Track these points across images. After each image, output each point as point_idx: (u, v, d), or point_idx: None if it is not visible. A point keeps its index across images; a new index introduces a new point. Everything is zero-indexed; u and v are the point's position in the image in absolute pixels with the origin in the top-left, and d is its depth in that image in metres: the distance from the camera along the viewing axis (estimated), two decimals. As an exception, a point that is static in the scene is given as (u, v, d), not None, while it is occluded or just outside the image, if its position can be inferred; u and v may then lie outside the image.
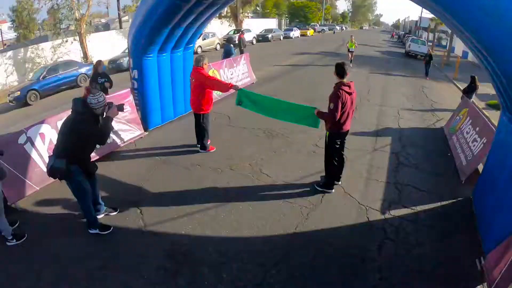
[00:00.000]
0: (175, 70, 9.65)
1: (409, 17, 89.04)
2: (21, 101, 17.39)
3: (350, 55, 20.60)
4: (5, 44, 41.48)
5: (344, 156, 6.21)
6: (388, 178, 6.74)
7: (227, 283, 4.21)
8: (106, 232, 5.26)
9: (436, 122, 10.45)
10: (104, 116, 4.95)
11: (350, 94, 5.52)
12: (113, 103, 5.12)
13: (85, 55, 26.73)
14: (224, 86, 7.32)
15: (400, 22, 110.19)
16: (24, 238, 5.16)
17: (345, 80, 5.59)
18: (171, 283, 4.25)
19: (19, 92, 17.48)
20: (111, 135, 8.01)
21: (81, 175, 4.98)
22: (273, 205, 5.79)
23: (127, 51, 23.77)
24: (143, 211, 5.75)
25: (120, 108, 5.19)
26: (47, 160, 6.30)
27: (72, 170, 4.83)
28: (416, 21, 65.04)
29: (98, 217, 5.47)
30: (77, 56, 25.96)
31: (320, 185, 6.27)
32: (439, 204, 5.92)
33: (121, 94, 8.62)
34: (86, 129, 4.73)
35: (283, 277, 4.30)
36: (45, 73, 18.83)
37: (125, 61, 22.00)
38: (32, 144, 6.60)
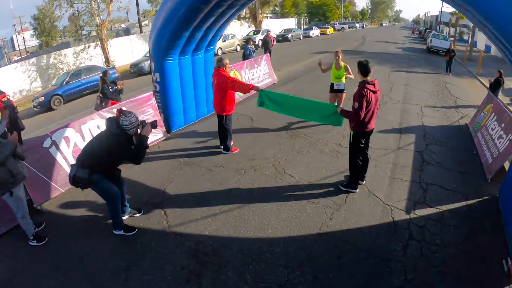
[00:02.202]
0: (197, 72, 9.71)
1: (429, 12, 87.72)
2: (45, 106, 17.83)
3: (334, 98, 9.20)
4: (28, 52, 42.49)
5: (368, 156, 6.16)
6: (413, 177, 6.64)
7: (251, 284, 4.22)
8: (131, 234, 5.34)
9: (460, 119, 10.25)
10: (139, 134, 4.97)
11: (374, 92, 5.47)
12: (146, 121, 5.16)
13: (107, 60, 27.19)
14: (244, 87, 7.34)
15: (420, 17, 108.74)
16: (45, 241, 5.27)
17: (369, 78, 5.55)
18: (195, 283, 4.28)
19: (43, 98, 17.91)
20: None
21: (105, 181, 5.04)
22: (297, 205, 5.77)
23: (148, 55, 24.18)
24: (167, 212, 5.82)
25: (154, 125, 5.18)
26: (72, 162, 6.46)
27: (95, 179, 4.90)
28: (437, 16, 64.10)
29: (123, 218, 5.56)
30: (99, 61, 26.44)
31: (344, 184, 6.23)
32: (464, 203, 5.81)
33: (144, 97, 8.75)
34: (119, 150, 4.79)
35: (307, 278, 4.29)
36: (68, 78, 19.26)
37: (146, 64, 22.29)
38: (57, 147, 6.78)
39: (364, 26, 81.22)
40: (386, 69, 18.12)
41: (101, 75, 10.43)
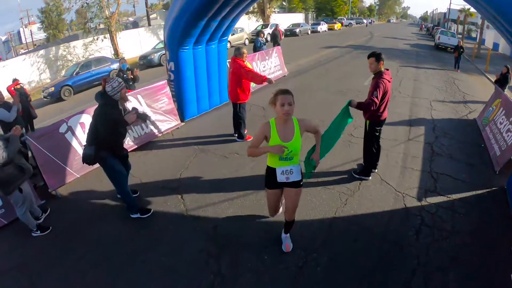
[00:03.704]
0: (210, 62, 9.79)
1: (437, 9, 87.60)
2: (55, 97, 18.06)
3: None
4: (35, 45, 42.68)
5: (380, 145, 6.28)
6: (423, 167, 6.75)
7: (269, 265, 4.33)
8: (147, 216, 5.48)
9: (468, 113, 10.32)
10: (124, 116, 5.12)
11: (389, 82, 5.61)
12: (137, 109, 5.34)
13: (116, 52, 27.35)
14: (258, 78, 7.43)
15: (428, 14, 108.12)
16: (49, 230, 5.34)
17: (383, 68, 5.66)
18: (214, 265, 4.39)
19: (53, 88, 18.11)
20: (149, 125, 8.29)
21: (113, 159, 5.21)
22: (312, 191, 5.89)
23: (157, 47, 24.30)
24: (183, 196, 5.95)
25: (143, 116, 5.41)
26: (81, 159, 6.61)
27: (103, 156, 5.08)
28: (445, 13, 63.77)
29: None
30: (108, 53, 26.62)
31: (358, 172, 6.36)
32: (473, 193, 5.91)
33: (158, 85, 8.86)
34: (108, 117, 4.90)
35: (324, 260, 4.40)
36: (78, 69, 19.46)
37: (155, 57, 22.45)
38: (73, 133, 6.89)
39: (372, 22, 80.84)
40: (395, 64, 18.13)
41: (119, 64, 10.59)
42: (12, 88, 10.25)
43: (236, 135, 8.12)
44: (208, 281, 4.14)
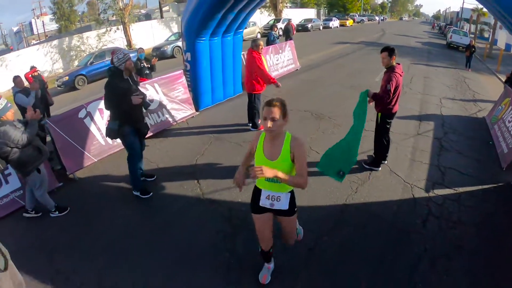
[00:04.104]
0: (226, 53, 10.00)
1: (450, 8, 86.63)
2: (69, 86, 18.42)
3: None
4: (47, 36, 42.98)
5: (390, 137, 6.46)
6: (432, 161, 6.91)
7: (281, 246, 4.50)
8: (145, 197, 5.79)
9: (478, 112, 10.41)
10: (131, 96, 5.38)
11: (401, 75, 5.81)
12: (145, 96, 5.74)
13: (129, 43, 27.60)
14: (266, 78, 7.67)
15: (441, 13, 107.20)
16: (67, 211, 5.58)
17: (395, 63, 5.84)
18: (230, 243, 4.62)
19: (67, 77, 18.44)
20: (165, 113, 8.52)
21: (134, 138, 5.56)
22: (324, 179, 6.04)
23: (170, 39, 24.46)
24: (199, 181, 6.19)
25: (146, 104, 5.84)
26: (105, 133, 6.89)
27: (124, 133, 5.44)
28: (458, 12, 63.29)
29: None
30: (121, 44, 26.88)
31: (368, 163, 6.57)
32: (480, 187, 6.04)
33: (175, 75, 9.10)
34: (115, 87, 5.24)
35: (335, 244, 4.60)
36: (92, 59, 19.71)
37: (169, 48, 22.68)
38: (91, 118, 7.14)
39: (384, 19, 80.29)
40: (406, 61, 18.17)
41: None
42: (30, 75, 10.49)
43: (250, 124, 8.34)
44: (224, 259, 4.35)
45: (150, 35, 30.53)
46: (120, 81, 5.31)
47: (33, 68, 10.66)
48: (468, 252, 4.49)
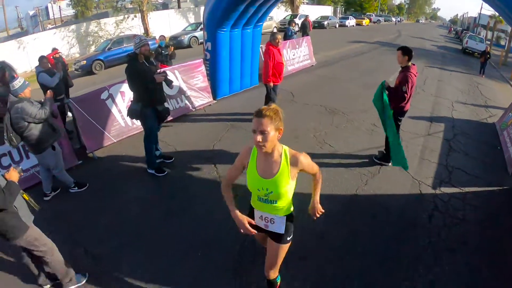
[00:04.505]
0: (245, 45, 10.24)
1: (467, 13, 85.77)
2: (87, 70, 18.66)
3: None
4: (63, 21, 43.18)
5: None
6: (440, 160, 7.09)
7: (296, 232, 4.73)
8: (161, 175, 6.12)
9: (488, 117, 10.50)
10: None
11: (415, 75, 6.02)
12: (167, 74, 6.00)
13: (146, 31, 27.84)
14: (264, 75, 7.94)
15: (458, 17, 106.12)
16: (86, 186, 5.88)
17: (410, 63, 6.05)
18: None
19: (85, 61, 18.74)
20: (184, 99, 8.79)
21: (153, 119, 5.91)
22: (336, 170, 6.34)
23: (187, 29, 24.60)
24: (217, 165, 6.47)
25: (168, 82, 6.11)
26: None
27: (146, 113, 5.77)
28: (475, 18, 62.64)
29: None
30: (138, 32, 27.11)
31: (378, 158, 6.78)
32: (486, 188, 6.21)
33: (195, 63, 9.38)
34: (133, 69, 5.57)
35: (344, 231, 4.85)
36: (110, 45, 19.96)
37: (186, 38, 22.92)
38: (113, 100, 7.43)
39: (401, 20, 79.55)
40: (421, 64, 18.15)
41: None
42: (52, 57, 10.77)
43: None
44: (238, 240, 4.59)
45: (166, 24, 30.75)
46: (136, 63, 5.61)
47: (54, 50, 10.88)
48: (471, 248, 4.66)
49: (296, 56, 14.53)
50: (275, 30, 30.59)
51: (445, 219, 5.24)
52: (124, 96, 7.61)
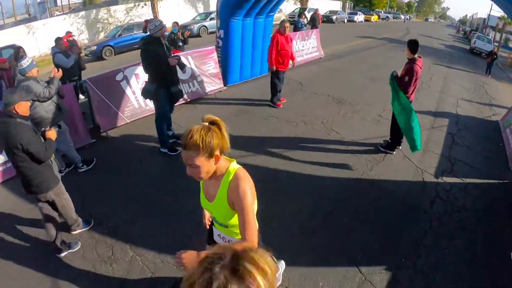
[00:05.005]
0: (256, 35, 10.41)
1: (477, 13, 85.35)
2: (97, 55, 18.84)
3: None
4: (70, 8, 43.24)
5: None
6: (443, 152, 7.30)
7: (305, 210, 5.05)
8: (173, 154, 6.35)
9: (492, 115, 10.63)
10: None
11: (421, 68, 6.24)
12: (180, 58, 6.18)
13: (155, 20, 27.89)
14: (269, 59, 8.16)
15: (468, 18, 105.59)
16: (94, 163, 6.12)
17: (416, 56, 6.25)
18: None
19: (95, 47, 18.94)
20: (196, 84, 9.02)
21: (166, 100, 6.11)
22: (342, 155, 6.61)
23: (196, 18, 24.65)
24: (228, 147, 6.67)
25: (181, 65, 6.16)
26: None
27: (160, 94, 5.96)
28: (484, 19, 62.30)
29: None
30: (147, 20, 27.18)
31: (383, 146, 7.01)
32: (486, 181, 6.41)
33: (207, 50, 9.61)
34: (152, 52, 5.71)
35: (350, 210, 5.12)
36: (120, 31, 20.14)
37: (195, 27, 23.05)
38: (128, 82, 7.64)
39: (410, 18, 79.11)
40: (428, 61, 18.21)
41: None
42: (65, 40, 10.97)
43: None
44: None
45: (176, 13, 30.82)
46: (155, 47, 5.76)
47: (68, 33, 11.11)
48: (470, 234, 4.87)
49: (305, 47, 14.71)
50: (285, 22, 30.57)
51: (446, 206, 5.45)
52: (139, 78, 7.80)
